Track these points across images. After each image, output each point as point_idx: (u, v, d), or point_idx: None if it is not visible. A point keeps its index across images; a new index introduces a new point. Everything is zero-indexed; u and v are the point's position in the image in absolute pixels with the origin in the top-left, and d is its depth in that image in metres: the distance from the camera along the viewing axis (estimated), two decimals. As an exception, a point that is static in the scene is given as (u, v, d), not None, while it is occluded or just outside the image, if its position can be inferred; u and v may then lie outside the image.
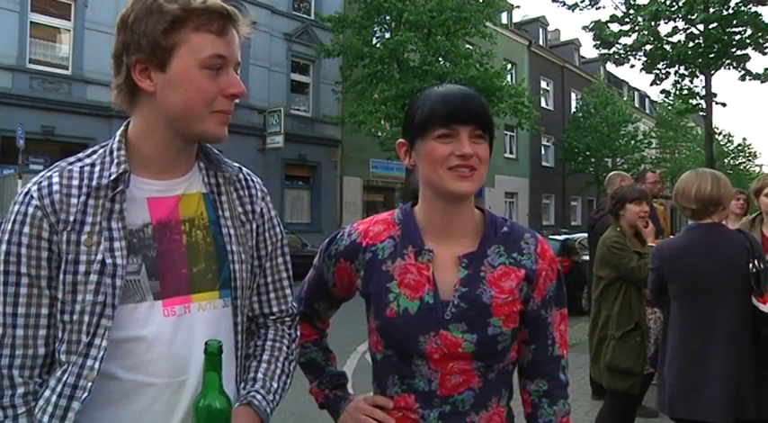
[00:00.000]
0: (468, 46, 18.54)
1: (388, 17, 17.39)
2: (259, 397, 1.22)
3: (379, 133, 17.30)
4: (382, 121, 17.24)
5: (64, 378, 1.10)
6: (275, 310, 1.36)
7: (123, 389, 1.14)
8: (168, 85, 1.14)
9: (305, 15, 19.70)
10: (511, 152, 28.82)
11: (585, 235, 7.11)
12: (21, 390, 1.10)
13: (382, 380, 1.31)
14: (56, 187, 1.13)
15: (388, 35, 17.56)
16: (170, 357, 1.16)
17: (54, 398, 1.09)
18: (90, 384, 1.09)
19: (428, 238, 1.29)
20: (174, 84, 1.13)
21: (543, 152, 31.29)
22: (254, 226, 1.32)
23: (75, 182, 1.14)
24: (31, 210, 1.11)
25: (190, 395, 1.15)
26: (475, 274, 1.25)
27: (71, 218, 1.11)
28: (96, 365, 1.09)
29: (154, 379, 1.15)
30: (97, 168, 1.16)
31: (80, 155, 1.21)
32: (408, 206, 1.36)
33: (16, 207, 1.12)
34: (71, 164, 1.18)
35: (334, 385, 1.46)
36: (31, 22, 13.86)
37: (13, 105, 13.21)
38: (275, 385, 1.27)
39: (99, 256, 1.11)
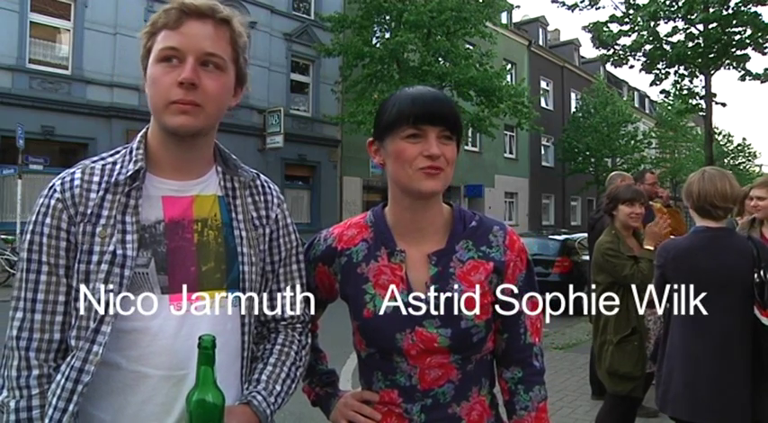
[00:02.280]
0: (468, 46, 18.53)
1: (388, 17, 17.38)
2: (260, 398, 1.25)
3: (379, 133, 17.28)
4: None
5: (72, 362, 1.15)
6: (287, 315, 1.39)
7: (126, 379, 1.19)
8: (146, 83, 1.23)
9: (305, 15, 19.69)
10: (511, 152, 28.82)
11: (585, 235, 7.12)
12: (36, 372, 1.16)
13: (368, 376, 1.37)
14: (77, 182, 1.21)
15: (388, 35, 17.56)
16: (172, 351, 1.20)
17: (62, 381, 1.15)
18: (94, 368, 1.14)
19: (399, 238, 1.34)
20: (147, 81, 1.22)
21: (543, 152, 31.29)
22: (268, 231, 1.36)
23: (96, 178, 1.22)
24: (53, 202, 1.19)
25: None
26: (444, 271, 1.30)
27: (89, 211, 1.19)
28: (100, 351, 1.14)
29: (155, 371, 1.19)
30: (117, 166, 1.24)
31: (104, 154, 1.29)
32: (379, 208, 1.41)
33: (41, 200, 1.21)
34: (94, 162, 1.26)
35: (324, 383, 1.50)
36: (30, 22, 13.85)
37: (13, 105, 13.21)
38: (278, 388, 1.30)
39: (111, 247, 1.17)
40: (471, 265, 1.31)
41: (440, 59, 17.34)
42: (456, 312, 1.27)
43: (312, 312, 1.48)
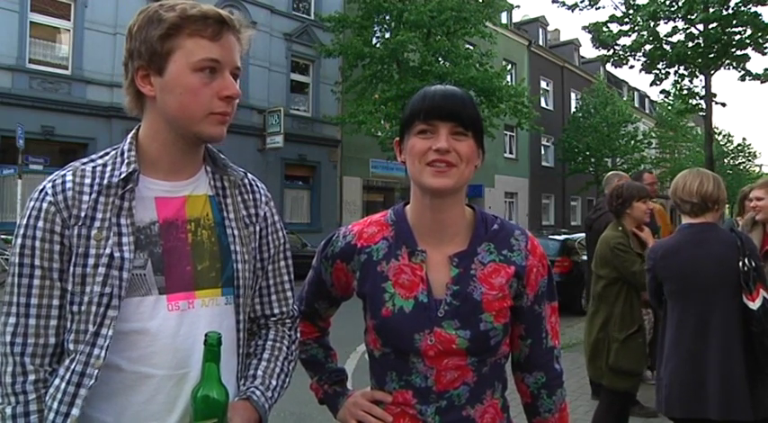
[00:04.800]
0: (468, 46, 18.54)
1: (387, 17, 17.38)
2: (258, 393, 1.26)
3: (379, 133, 17.32)
4: (382, 122, 17.25)
5: (72, 366, 1.15)
6: (276, 311, 1.41)
7: (127, 380, 1.19)
8: (165, 88, 1.21)
9: (305, 15, 19.70)
10: (511, 152, 28.82)
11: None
12: (32, 376, 1.16)
13: (380, 376, 1.35)
14: (69, 184, 1.19)
15: (388, 35, 17.56)
16: (173, 350, 1.20)
17: (63, 385, 1.14)
18: (97, 372, 1.14)
19: (420, 238, 1.32)
20: (169, 87, 1.20)
21: (543, 152, 31.30)
22: (258, 229, 1.37)
23: (88, 180, 1.21)
24: (45, 205, 1.17)
25: (191, 388, 1.18)
26: (466, 273, 1.29)
27: (82, 213, 1.18)
28: (102, 354, 1.14)
29: (157, 371, 1.19)
30: (108, 168, 1.23)
31: (93, 156, 1.28)
32: (400, 207, 1.39)
33: (32, 203, 1.19)
34: (84, 164, 1.24)
35: (333, 381, 1.50)
36: (30, 22, 13.86)
37: (13, 105, 13.21)
38: (274, 383, 1.32)
39: (107, 250, 1.16)
40: (493, 267, 1.30)
41: (440, 59, 17.34)
42: (476, 314, 1.26)
43: (322, 313, 1.49)
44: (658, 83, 15.52)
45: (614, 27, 14.78)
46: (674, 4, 13.92)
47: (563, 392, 1.39)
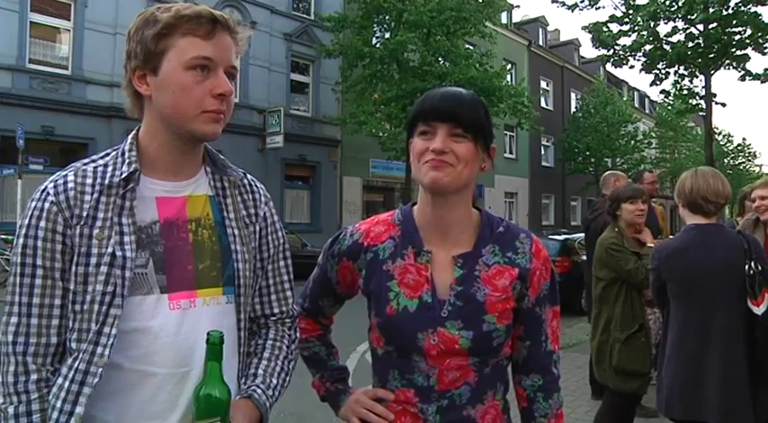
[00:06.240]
0: (468, 46, 18.55)
1: (387, 17, 17.39)
2: (259, 391, 1.27)
3: (380, 133, 17.31)
4: (383, 122, 17.24)
5: (75, 365, 1.16)
6: (276, 311, 1.42)
7: (129, 379, 1.19)
8: (159, 87, 1.22)
9: (305, 15, 19.70)
10: (511, 152, 28.82)
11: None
12: (34, 376, 1.16)
13: (383, 374, 1.36)
14: (71, 184, 1.20)
15: (387, 35, 17.57)
16: (174, 349, 1.21)
17: (66, 384, 1.15)
18: (101, 370, 1.15)
19: (426, 238, 1.33)
20: (163, 86, 1.22)
21: (543, 152, 31.31)
22: (257, 228, 1.38)
23: (89, 180, 1.22)
24: (47, 205, 1.18)
25: (193, 386, 1.19)
26: (469, 274, 1.30)
27: (84, 213, 1.19)
28: (106, 352, 1.15)
29: (158, 369, 1.20)
30: (110, 168, 1.24)
31: (94, 157, 1.29)
32: (408, 207, 1.41)
33: (33, 203, 1.20)
34: (85, 164, 1.26)
35: (335, 379, 1.51)
36: (30, 21, 13.86)
37: (13, 105, 13.21)
38: (275, 382, 1.33)
39: (109, 249, 1.17)
40: (497, 269, 1.31)
41: (440, 59, 17.34)
42: (479, 315, 1.27)
43: (326, 310, 1.51)
44: (658, 83, 15.53)
45: (614, 27, 14.79)
46: (674, 4, 13.92)
47: (560, 398, 1.39)
